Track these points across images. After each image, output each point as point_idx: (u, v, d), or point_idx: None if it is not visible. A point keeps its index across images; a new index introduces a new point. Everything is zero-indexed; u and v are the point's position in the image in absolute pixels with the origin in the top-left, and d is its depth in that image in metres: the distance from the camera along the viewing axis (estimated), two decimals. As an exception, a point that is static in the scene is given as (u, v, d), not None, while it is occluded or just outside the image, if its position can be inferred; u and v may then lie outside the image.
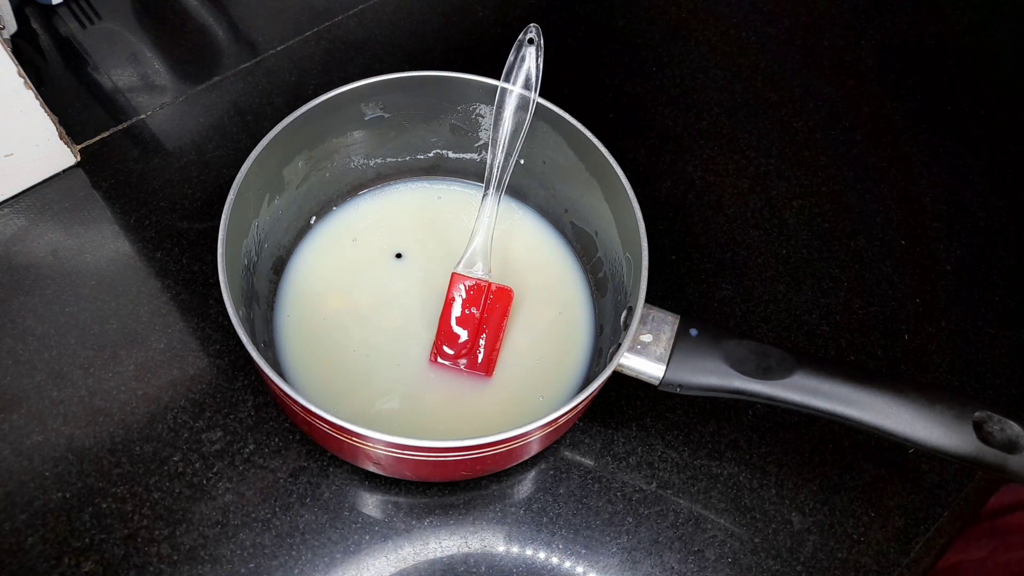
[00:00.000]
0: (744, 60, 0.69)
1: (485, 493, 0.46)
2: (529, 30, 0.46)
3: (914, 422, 0.40)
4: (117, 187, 0.55)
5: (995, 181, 0.65)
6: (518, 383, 0.48)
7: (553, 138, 0.49)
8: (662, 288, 0.55)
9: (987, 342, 0.57)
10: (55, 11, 0.63)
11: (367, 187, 0.54)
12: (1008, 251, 0.62)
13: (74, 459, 0.45)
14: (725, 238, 0.59)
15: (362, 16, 0.66)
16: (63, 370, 0.47)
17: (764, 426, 0.51)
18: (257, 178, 0.44)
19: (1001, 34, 0.77)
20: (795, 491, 0.49)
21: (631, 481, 0.48)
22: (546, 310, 0.51)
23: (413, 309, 0.50)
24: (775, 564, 0.46)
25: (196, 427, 0.46)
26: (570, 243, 0.53)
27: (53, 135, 0.52)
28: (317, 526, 0.44)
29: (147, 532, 0.43)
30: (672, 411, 0.50)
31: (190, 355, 0.49)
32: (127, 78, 0.60)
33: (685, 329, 0.42)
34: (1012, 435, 0.40)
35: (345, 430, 0.37)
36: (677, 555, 0.46)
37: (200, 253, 0.53)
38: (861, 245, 0.60)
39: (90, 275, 0.51)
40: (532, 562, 0.45)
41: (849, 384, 0.41)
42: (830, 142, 0.65)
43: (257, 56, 0.63)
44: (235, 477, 0.45)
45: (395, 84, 0.47)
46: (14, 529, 0.43)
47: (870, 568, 0.47)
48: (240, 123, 0.59)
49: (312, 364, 0.47)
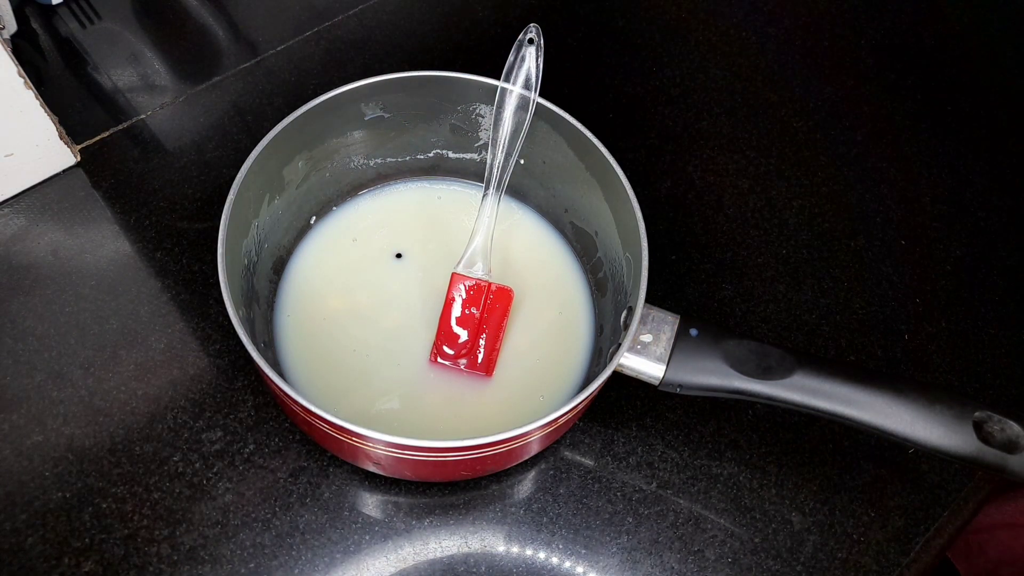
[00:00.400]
0: (744, 60, 0.69)
1: (485, 493, 0.46)
2: (529, 30, 0.46)
3: (914, 422, 0.40)
4: (117, 187, 0.55)
5: (995, 181, 0.65)
6: (518, 383, 0.48)
7: (553, 138, 0.49)
8: (662, 288, 0.55)
9: (987, 342, 0.57)
10: (55, 11, 0.63)
11: (367, 187, 0.54)
12: (1008, 251, 0.62)
13: (74, 459, 0.45)
14: (725, 238, 0.59)
15: (362, 16, 0.66)
16: (63, 370, 0.47)
17: (764, 426, 0.51)
18: (257, 178, 0.44)
19: (1001, 34, 0.77)
20: (795, 491, 0.49)
21: (631, 481, 0.48)
22: (546, 310, 0.51)
23: (413, 309, 0.50)
24: (775, 564, 0.46)
25: (196, 427, 0.46)
26: (570, 243, 0.53)
27: (53, 135, 0.52)
28: (317, 526, 0.44)
29: (147, 532, 0.43)
30: (672, 411, 0.50)
31: (190, 355, 0.49)
32: (127, 78, 0.60)
33: (685, 329, 0.42)
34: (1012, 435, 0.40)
35: (345, 430, 0.37)
36: (677, 555, 0.46)
37: (200, 253, 0.53)
38: (861, 245, 0.60)
39: (90, 275, 0.51)
40: (532, 562, 0.45)
41: (849, 384, 0.41)
42: (830, 142, 0.65)
43: (257, 56, 0.63)
44: (235, 477, 0.45)
45: (395, 84, 0.47)
46: (14, 529, 0.43)
47: (870, 568, 0.47)
48: (240, 123, 0.59)
49: (312, 364, 0.47)
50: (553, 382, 0.48)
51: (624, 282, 0.46)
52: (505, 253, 0.52)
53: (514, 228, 0.54)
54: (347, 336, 0.48)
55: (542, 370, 0.49)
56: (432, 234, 0.53)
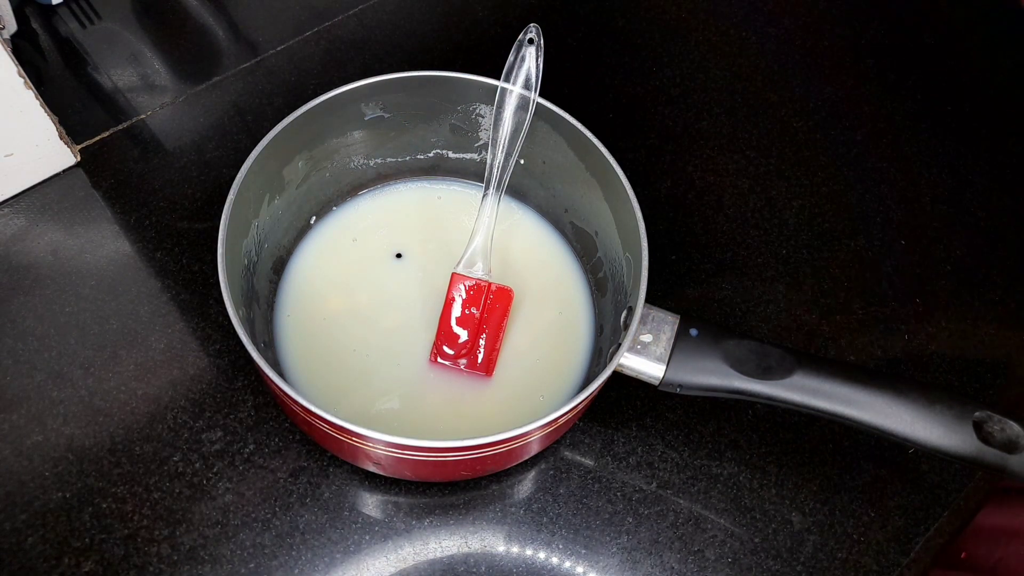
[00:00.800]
0: (744, 60, 0.69)
1: (485, 493, 0.46)
2: (529, 30, 0.46)
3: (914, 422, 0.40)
4: (117, 187, 0.55)
5: (995, 181, 0.65)
6: (518, 383, 0.48)
7: (553, 138, 0.49)
8: (662, 288, 0.55)
9: (987, 342, 0.57)
10: (55, 11, 0.63)
11: (367, 187, 0.54)
12: (1008, 251, 0.61)
13: (74, 459, 0.45)
14: (725, 238, 0.59)
15: (362, 16, 0.66)
16: (63, 370, 0.47)
17: (764, 426, 0.51)
18: (257, 178, 0.44)
19: (1001, 34, 0.77)
20: (795, 491, 0.49)
21: (631, 481, 0.48)
22: (546, 310, 0.51)
23: (413, 309, 0.50)
24: (775, 564, 0.46)
25: (196, 427, 0.46)
26: (570, 243, 0.53)
27: (53, 135, 0.52)
28: (317, 526, 0.44)
29: (147, 532, 0.43)
30: (672, 411, 0.50)
31: (190, 355, 0.49)
32: (127, 78, 0.60)
33: (685, 329, 0.42)
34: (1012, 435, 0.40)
35: (345, 430, 0.37)
36: (677, 555, 0.46)
37: (200, 253, 0.53)
38: (861, 245, 0.60)
39: (90, 275, 0.51)
40: (532, 562, 0.45)
41: (849, 384, 0.41)
42: (830, 142, 0.65)
43: (257, 56, 0.63)
44: (235, 477, 0.45)
45: (395, 84, 0.47)
46: (14, 529, 0.43)
47: (870, 568, 0.47)
48: (240, 123, 0.59)
49: (312, 364, 0.47)
50: (553, 382, 0.48)
51: (624, 282, 0.46)
52: (505, 253, 0.52)
53: (514, 228, 0.54)
54: (347, 336, 0.48)
55: (542, 370, 0.49)
56: (432, 234, 0.53)
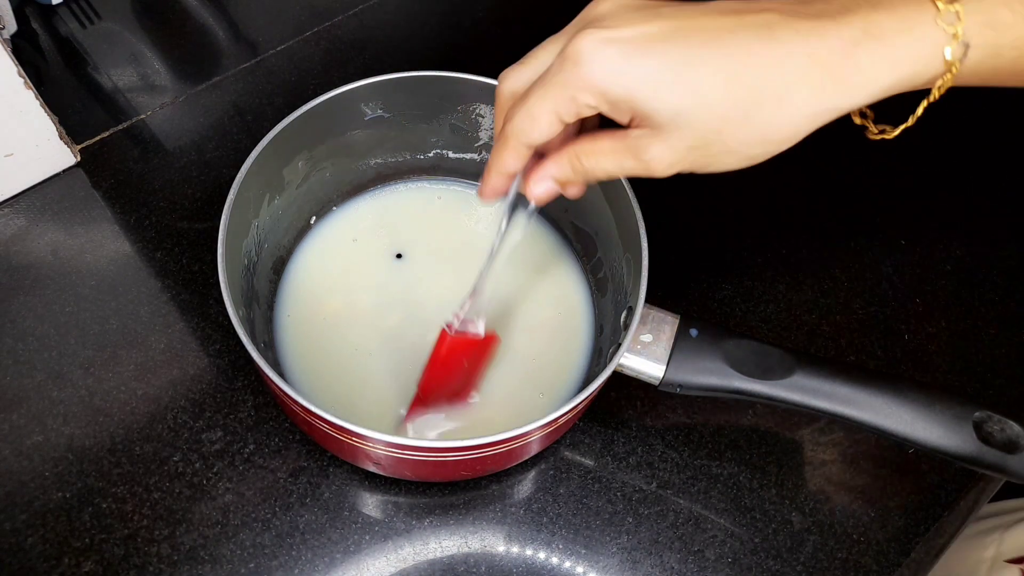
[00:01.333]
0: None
1: (485, 493, 0.46)
2: None
3: (914, 422, 0.40)
4: (117, 187, 0.55)
5: (995, 181, 0.65)
6: (518, 383, 0.48)
7: (553, 138, 0.49)
8: (662, 288, 0.55)
9: (987, 342, 0.56)
10: (55, 11, 0.63)
11: (367, 187, 0.54)
12: (1008, 251, 0.61)
13: (74, 459, 0.45)
14: (725, 238, 0.59)
15: (362, 16, 0.66)
16: (63, 370, 0.47)
17: (764, 426, 0.51)
18: (257, 178, 0.44)
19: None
20: (795, 491, 0.49)
21: (631, 481, 0.48)
22: (546, 310, 0.51)
23: (413, 309, 0.50)
24: (775, 564, 0.46)
25: (196, 427, 0.46)
26: (570, 243, 0.53)
27: (53, 135, 0.52)
28: (317, 526, 0.44)
29: (147, 532, 0.43)
30: (672, 411, 0.50)
31: (190, 355, 0.49)
32: (127, 78, 0.60)
33: (685, 329, 0.42)
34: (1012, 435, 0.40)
35: (345, 430, 0.37)
36: (677, 555, 0.46)
37: (200, 253, 0.53)
38: (861, 245, 0.60)
39: (90, 275, 0.51)
40: (532, 562, 0.45)
41: (849, 384, 0.41)
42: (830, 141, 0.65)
43: (257, 56, 0.63)
44: (235, 477, 0.45)
45: (395, 84, 0.47)
46: (14, 529, 0.43)
47: (870, 568, 0.47)
48: (240, 123, 0.59)
49: (312, 364, 0.47)
50: (553, 382, 0.48)
51: (624, 282, 0.46)
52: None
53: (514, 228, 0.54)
54: (347, 336, 0.48)
55: (542, 370, 0.49)
56: (432, 234, 0.53)
